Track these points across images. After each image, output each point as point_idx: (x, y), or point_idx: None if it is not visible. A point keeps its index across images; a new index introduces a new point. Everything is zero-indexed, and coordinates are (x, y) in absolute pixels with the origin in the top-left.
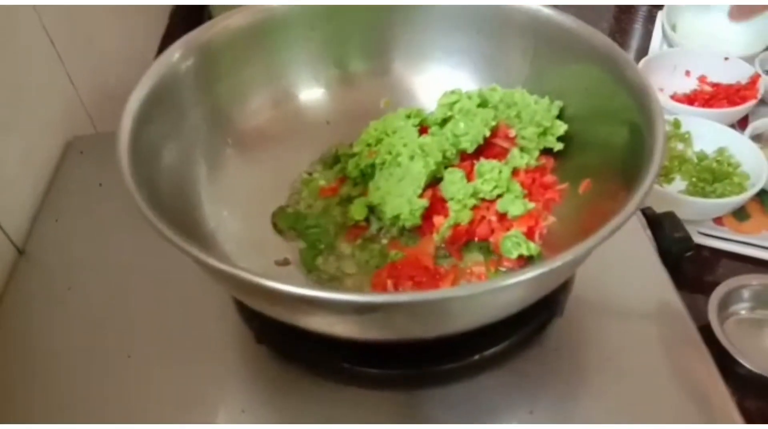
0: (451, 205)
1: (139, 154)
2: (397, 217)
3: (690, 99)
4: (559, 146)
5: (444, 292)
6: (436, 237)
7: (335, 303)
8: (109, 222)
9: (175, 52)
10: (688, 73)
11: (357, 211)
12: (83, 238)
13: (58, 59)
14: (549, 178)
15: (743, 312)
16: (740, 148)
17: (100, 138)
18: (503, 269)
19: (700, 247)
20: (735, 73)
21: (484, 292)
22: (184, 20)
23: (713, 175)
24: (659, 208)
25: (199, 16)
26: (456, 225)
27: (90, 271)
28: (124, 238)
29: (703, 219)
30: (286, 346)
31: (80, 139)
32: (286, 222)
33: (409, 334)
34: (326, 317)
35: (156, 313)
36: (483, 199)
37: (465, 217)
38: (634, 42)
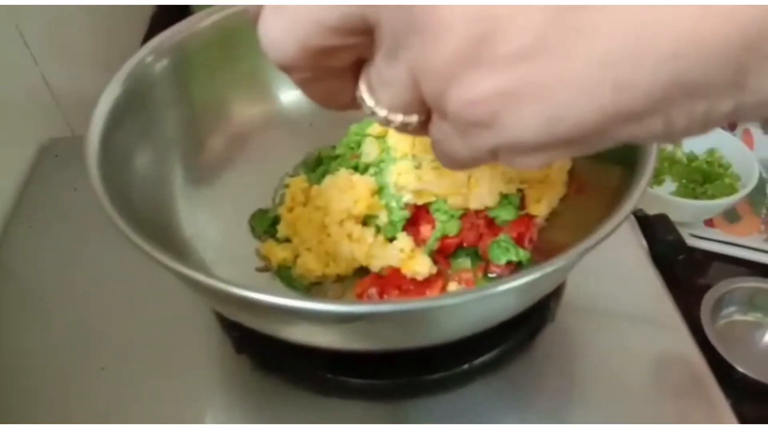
0: (438, 216)
1: (110, 159)
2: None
3: None
4: None
5: (429, 301)
6: (424, 249)
7: (312, 313)
8: (85, 228)
9: (147, 53)
10: None
11: None
12: (57, 245)
13: (33, 61)
14: None
15: (736, 315)
16: (730, 148)
17: (76, 141)
18: (492, 275)
19: (692, 250)
20: None
21: (471, 301)
22: (166, 22)
23: (704, 176)
24: (649, 210)
25: (180, 18)
26: (444, 236)
27: (64, 280)
28: (99, 245)
29: (694, 221)
30: (267, 356)
31: (55, 142)
32: (262, 225)
33: (394, 345)
34: (305, 328)
35: (132, 323)
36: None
37: (453, 227)
38: None
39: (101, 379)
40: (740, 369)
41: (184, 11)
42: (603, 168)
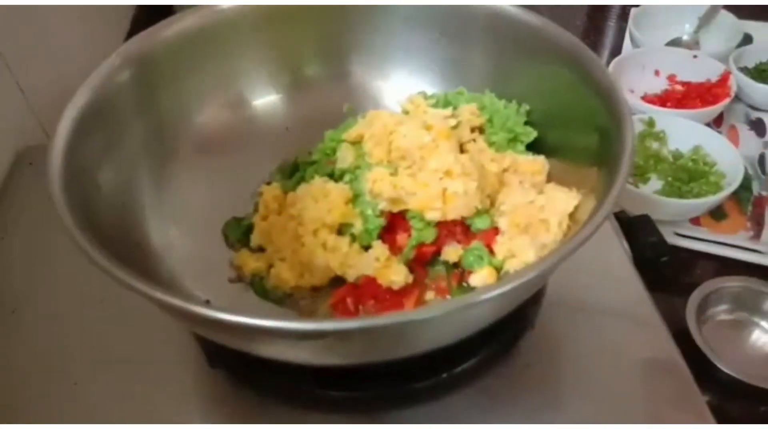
0: (414, 224)
1: (74, 172)
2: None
3: (662, 99)
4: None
5: (399, 315)
6: (400, 258)
7: (279, 331)
8: (59, 239)
9: (112, 62)
10: (657, 72)
11: None
12: (30, 256)
13: (5, 67)
14: None
15: (722, 314)
16: (715, 146)
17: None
18: (466, 284)
19: (678, 249)
20: (704, 71)
21: (446, 314)
22: (147, 23)
23: (689, 174)
24: (635, 210)
25: (163, 18)
26: (420, 244)
27: (36, 293)
28: (73, 255)
29: (680, 219)
30: (242, 369)
31: (31, 149)
32: (235, 234)
33: (367, 359)
34: (274, 345)
35: (105, 337)
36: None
37: (429, 235)
38: (608, 40)
39: (74, 394)
40: (725, 369)
41: (167, 12)
42: (579, 171)
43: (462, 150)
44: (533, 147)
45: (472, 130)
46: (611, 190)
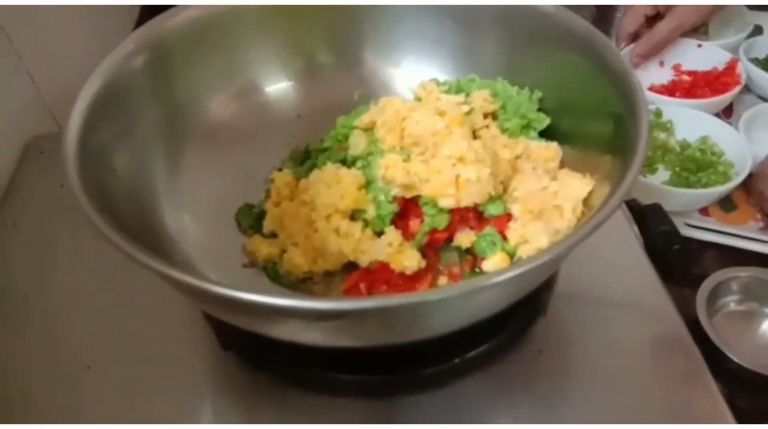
0: (426, 210)
1: (89, 156)
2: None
3: (669, 90)
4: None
5: (414, 296)
6: (413, 243)
7: (292, 310)
8: (70, 225)
9: (126, 47)
10: (662, 63)
11: None
12: (42, 242)
13: (17, 57)
14: None
15: (732, 305)
16: (723, 136)
17: (61, 137)
18: (479, 270)
19: (688, 240)
20: (710, 60)
21: (455, 297)
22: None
23: (697, 164)
24: (644, 200)
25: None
26: (433, 231)
27: (48, 279)
28: (85, 242)
29: (688, 210)
30: (255, 353)
31: (41, 138)
32: (248, 220)
33: (380, 341)
34: (288, 325)
35: (117, 321)
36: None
37: (442, 221)
38: (615, 31)
39: (87, 377)
40: (736, 359)
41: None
42: (593, 157)
43: (475, 136)
44: (546, 134)
45: (485, 116)
46: (626, 176)
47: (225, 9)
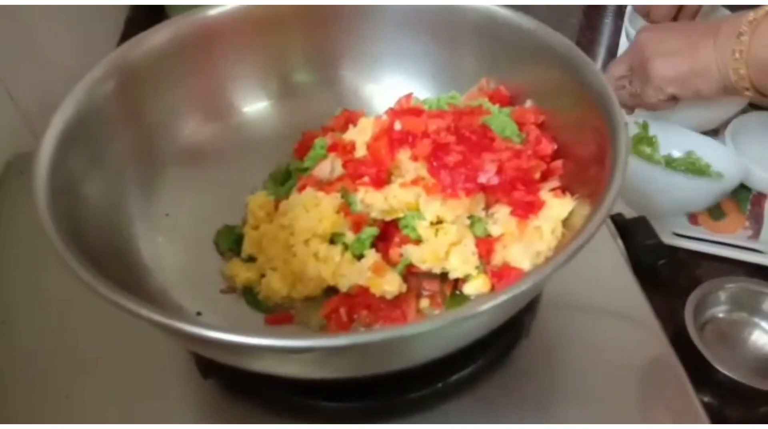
0: (408, 232)
1: (60, 185)
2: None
3: None
4: None
5: (391, 330)
6: (395, 271)
7: (269, 348)
8: (49, 250)
9: (97, 72)
10: None
11: None
12: (20, 267)
13: None
14: None
15: (721, 315)
16: (708, 150)
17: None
18: (459, 292)
19: (676, 250)
20: None
21: (437, 328)
22: (141, 26)
23: (689, 172)
24: (633, 201)
25: (156, 22)
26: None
27: (26, 304)
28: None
29: (677, 214)
30: (235, 380)
31: (21, 157)
32: (227, 242)
33: (360, 372)
34: (266, 361)
35: (96, 349)
36: None
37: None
38: (604, 38)
39: (65, 407)
40: (724, 371)
41: (160, 16)
42: (572, 175)
43: None
44: None
45: None
46: (605, 198)
47: (198, 29)
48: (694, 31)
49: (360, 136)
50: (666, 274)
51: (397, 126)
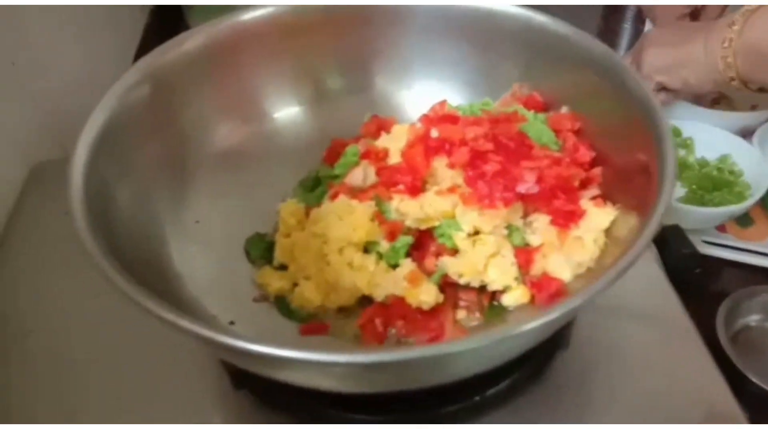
0: (443, 241)
1: (93, 193)
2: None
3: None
4: None
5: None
6: (431, 281)
7: (306, 362)
8: (75, 255)
9: (130, 78)
10: None
11: None
12: (46, 274)
13: (18, 80)
14: None
15: (753, 324)
16: (743, 154)
17: (65, 163)
18: (497, 303)
19: (706, 258)
20: None
21: (491, 344)
22: (160, 32)
23: (713, 183)
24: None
25: (175, 30)
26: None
27: (52, 311)
28: (91, 275)
29: (703, 228)
30: (267, 391)
31: (45, 164)
32: (258, 250)
33: (397, 387)
34: (302, 374)
35: (125, 358)
36: None
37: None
38: (624, 42)
39: (91, 416)
40: (756, 381)
41: (179, 22)
42: (616, 182)
43: None
44: None
45: None
46: (655, 210)
47: (228, 35)
48: (693, 27)
49: (394, 143)
50: (697, 282)
51: (434, 133)
